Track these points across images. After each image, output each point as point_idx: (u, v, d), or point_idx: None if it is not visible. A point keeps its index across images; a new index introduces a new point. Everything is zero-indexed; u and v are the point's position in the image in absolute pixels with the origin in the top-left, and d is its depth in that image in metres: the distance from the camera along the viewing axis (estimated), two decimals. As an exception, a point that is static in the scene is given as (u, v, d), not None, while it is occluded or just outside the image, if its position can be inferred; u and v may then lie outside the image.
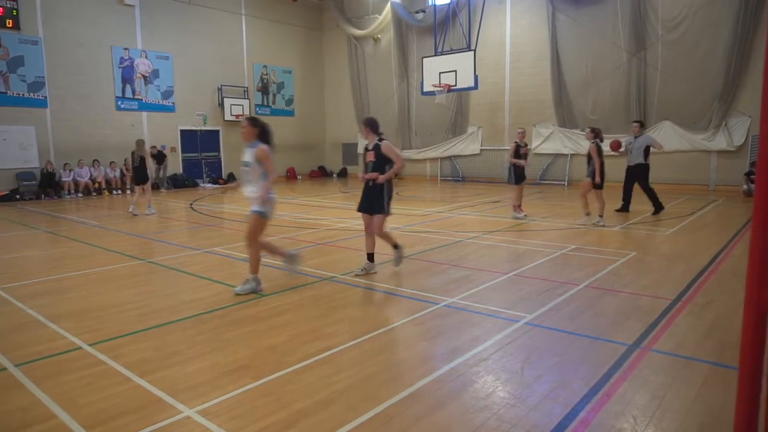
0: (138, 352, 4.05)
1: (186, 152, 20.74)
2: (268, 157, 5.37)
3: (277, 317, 4.81)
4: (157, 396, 3.31)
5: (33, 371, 3.71)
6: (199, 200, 15.67)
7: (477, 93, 19.09)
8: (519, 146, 10.27)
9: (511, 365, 3.71)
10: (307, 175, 24.88)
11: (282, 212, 12.28)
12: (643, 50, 16.14)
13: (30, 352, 4.06)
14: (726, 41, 14.69)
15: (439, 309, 4.97)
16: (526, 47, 18.70)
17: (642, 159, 10.57)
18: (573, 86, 17.70)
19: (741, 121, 14.77)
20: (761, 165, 0.95)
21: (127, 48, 18.71)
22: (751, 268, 0.99)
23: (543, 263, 6.76)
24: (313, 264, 6.89)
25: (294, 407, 3.14)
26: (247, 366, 3.75)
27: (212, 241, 8.83)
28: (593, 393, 3.26)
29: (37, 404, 3.24)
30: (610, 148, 10.70)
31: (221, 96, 21.37)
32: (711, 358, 3.77)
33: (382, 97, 23.00)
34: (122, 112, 18.74)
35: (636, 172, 10.73)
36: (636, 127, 10.88)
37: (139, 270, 6.93)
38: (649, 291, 5.46)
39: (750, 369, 1.01)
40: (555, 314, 4.76)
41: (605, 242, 8.07)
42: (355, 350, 4.04)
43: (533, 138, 18.73)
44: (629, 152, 10.73)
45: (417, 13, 21.31)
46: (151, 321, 4.78)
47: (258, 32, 22.81)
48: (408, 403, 3.19)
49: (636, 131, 10.78)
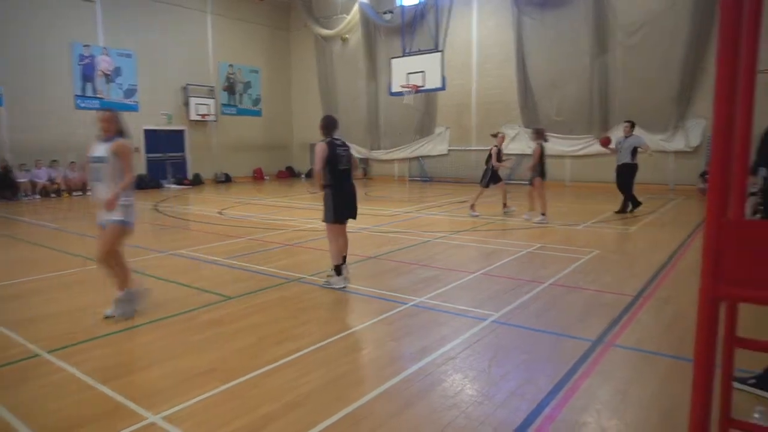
0: (100, 359, 3.93)
1: (150, 152, 20.25)
2: (129, 152, 4.75)
3: (243, 320, 4.75)
4: (120, 403, 3.22)
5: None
6: (164, 201, 15.33)
7: (444, 94, 19.24)
8: (500, 150, 10.67)
9: (479, 363, 3.76)
10: (274, 175, 24.64)
11: (249, 213, 12.13)
12: (604, 54, 16.56)
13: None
14: (682, 46, 15.21)
15: (408, 309, 4.99)
16: (493, 49, 18.95)
17: (629, 159, 10.75)
18: (538, 88, 18.02)
19: (697, 123, 15.32)
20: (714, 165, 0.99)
21: (87, 45, 18.14)
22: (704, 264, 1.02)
23: (509, 262, 6.87)
24: (280, 265, 6.82)
25: (261, 411, 3.11)
26: (213, 370, 3.69)
27: (177, 243, 8.65)
28: (558, 389, 3.33)
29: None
30: (600, 144, 11.26)
31: (186, 95, 20.95)
32: (671, 352, 3.90)
33: (350, 97, 22.96)
34: (82, 111, 18.15)
35: (622, 171, 10.90)
36: (627, 127, 10.95)
37: (101, 274, 6.72)
38: (611, 288, 5.61)
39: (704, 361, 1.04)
40: (521, 312, 4.84)
41: (570, 241, 8.25)
42: (324, 351, 4.02)
43: (500, 138, 19.00)
44: (618, 151, 10.93)
45: (385, 13, 21.35)
46: (113, 326, 4.65)
47: (224, 31, 22.46)
48: (377, 403, 3.19)
49: (626, 131, 10.88)
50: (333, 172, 5.64)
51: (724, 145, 0.98)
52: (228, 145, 22.85)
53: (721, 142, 0.98)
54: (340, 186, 5.70)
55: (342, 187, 5.71)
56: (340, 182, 5.69)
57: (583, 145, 17.35)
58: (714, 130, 0.99)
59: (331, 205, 5.69)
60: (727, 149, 0.98)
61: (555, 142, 17.89)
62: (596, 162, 16.76)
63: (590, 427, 2.90)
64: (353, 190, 5.85)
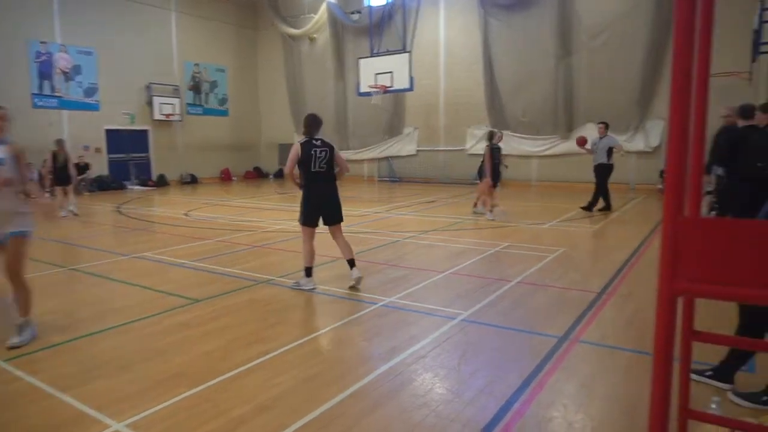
0: (60, 366, 3.81)
1: (112, 153, 19.70)
2: (25, 154, 4.39)
3: (212, 322, 4.68)
4: (82, 411, 3.13)
5: (-61, 391, 3.42)
6: (128, 203, 14.95)
7: (413, 94, 19.32)
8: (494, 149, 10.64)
9: (448, 362, 3.79)
10: (242, 176, 24.30)
11: (217, 215, 11.94)
12: (569, 56, 16.93)
13: (-64, 371, 3.73)
14: (642, 49, 15.67)
15: (378, 309, 4.99)
16: (460, 50, 19.14)
17: (605, 159, 11.03)
18: (505, 89, 18.29)
19: (656, 124, 15.81)
20: (670, 166, 1.03)
21: (44, 41, 17.53)
22: (662, 260, 1.05)
23: (478, 261, 6.95)
24: (249, 267, 6.74)
25: (232, 414, 3.06)
26: (181, 374, 3.62)
27: (142, 245, 8.45)
28: (526, 385, 3.39)
29: (-55, 426, 2.99)
30: (576, 143, 11.56)
31: (150, 94, 20.45)
32: (632, 346, 4.02)
33: (319, 97, 22.82)
34: (40, 110, 17.54)
35: (598, 172, 11.12)
36: (601, 128, 11.18)
37: (61, 278, 6.53)
38: (577, 285, 5.74)
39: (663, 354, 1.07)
40: (490, 310, 4.91)
41: (536, 239, 8.40)
42: (294, 353, 3.99)
43: (467, 139, 19.22)
44: (594, 152, 11.15)
45: (353, 13, 21.32)
46: (74, 332, 4.51)
47: (189, 29, 22.02)
48: (348, 403, 3.19)
49: (601, 132, 11.13)
50: (306, 173, 5.50)
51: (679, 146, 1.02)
52: (194, 146, 22.42)
53: (676, 143, 1.02)
54: (313, 188, 5.55)
55: (313, 189, 5.55)
56: (314, 183, 5.53)
57: (549, 146, 17.70)
58: (670, 132, 1.03)
59: (302, 207, 5.61)
60: (683, 150, 1.02)
61: (522, 142, 18.22)
62: (562, 162, 17.14)
63: (557, 421, 2.96)
64: (328, 192, 5.62)
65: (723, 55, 12.46)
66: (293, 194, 17.10)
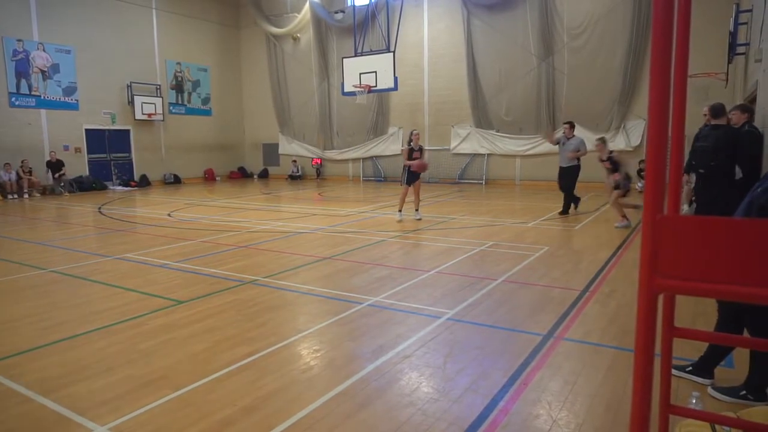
0: (40, 369, 3.75)
1: (92, 153, 19.41)
2: None
3: (196, 324, 4.64)
4: (63, 415, 3.09)
5: None
6: (109, 204, 14.74)
7: (397, 94, 19.35)
8: (413, 149, 10.25)
9: (434, 360, 3.81)
10: (226, 176, 24.11)
11: (200, 215, 11.83)
12: (550, 56, 17.10)
13: None
14: (623, 49, 15.89)
15: (364, 308, 5.00)
16: (444, 50, 19.22)
17: (574, 161, 10.48)
18: (488, 88, 18.40)
19: (637, 123, 16.03)
20: (649, 165, 1.04)
21: (20, 39, 17.20)
22: (643, 258, 1.07)
23: (462, 260, 6.98)
24: (233, 267, 6.69)
25: (216, 416, 3.04)
26: (165, 377, 3.59)
27: (124, 247, 8.34)
28: (512, 383, 3.42)
29: None
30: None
31: (131, 93, 20.19)
32: (615, 343, 4.07)
33: (303, 96, 22.75)
34: (17, 110, 17.21)
35: (565, 173, 10.60)
36: (567, 128, 10.66)
37: (40, 280, 6.41)
38: (560, 283, 5.80)
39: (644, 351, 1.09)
40: (475, 309, 4.94)
41: (520, 238, 8.47)
42: (280, 354, 3.97)
43: (451, 138, 19.30)
44: (560, 153, 10.63)
45: (336, 13, 21.27)
46: (55, 335, 4.44)
47: (170, 28, 21.77)
48: (335, 403, 3.18)
49: (567, 133, 10.58)
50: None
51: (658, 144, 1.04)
52: (177, 146, 22.18)
53: (655, 142, 1.04)
54: None
55: None
56: None
57: (533, 145, 17.86)
58: (649, 131, 1.04)
59: None
60: (662, 149, 1.04)
61: (505, 141, 18.36)
62: (545, 161, 17.28)
63: (542, 418, 2.99)
64: None
65: (700, 56, 12.68)
66: (278, 194, 17.01)
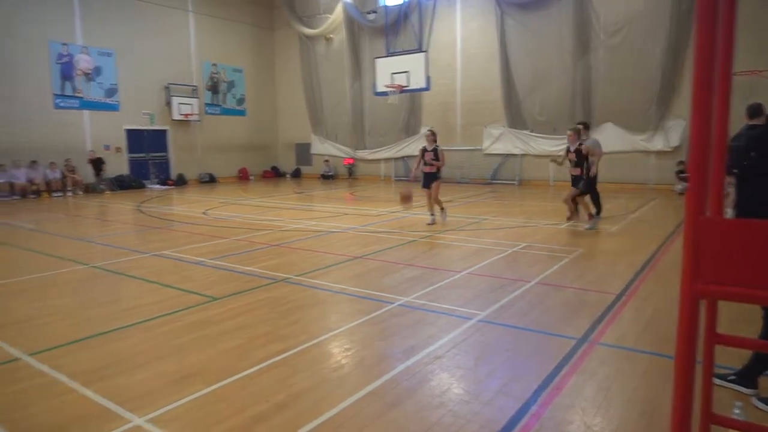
0: (82, 362, 3.88)
1: (132, 152, 20.01)
2: None
3: (229, 321, 4.72)
4: (104, 406, 3.19)
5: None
6: (147, 202, 15.15)
7: (429, 94, 19.29)
8: (425, 150, 10.02)
9: (466, 362, 3.78)
10: (259, 175, 24.48)
11: (235, 214, 12.05)
12: (586, 54, 16.76)
13: (-37, 365, 3.82)
14: (662, 47, 15.44)
15: (394, 308, 5.00)
16: (477, 49, 19.06)
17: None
18: (521, 88, 18.16)
19: (677, 123, 15.55)
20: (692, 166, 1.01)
21: (65, 43, 17.85)
22: (685, 262, 1.04)
23: (494, 261, 6.91)
24: (267, 266, 6.79)
25: (248, 412, 3.09)
26: (199, 372, 3.66)
27: (161, 244, 8.56)
28: (544, 387, 3.37)
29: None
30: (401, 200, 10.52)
31: (169, 95, 20.73)
32: (651, 349, 3.96)
33: (335, 97, 22.92)
34: (61, 111, 17.87)
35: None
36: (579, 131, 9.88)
37: (82, 275, 6.64)
38: (595, 286, 5.68)
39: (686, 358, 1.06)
40: (507, 311, 4.88)
41: (554, 240, 8.33)
42: (311, 352, 4.01)
43: (484, 138, 19.14)
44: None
45: (369, 13, 21.34)
46: (95, 328, 4.59)
47: (206, 30, 22.26)
48: (365, 402, 3.20)
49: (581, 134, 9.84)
50: None
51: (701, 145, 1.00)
52: (212, 145, 22.66)
53: (698, 143, 1.01)
54: None
55: None
56: None
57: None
58: (692, 132, 1.01)
59: None
60: (705, 151, 1.01)
61: (539, 141, 18.08)
62: (579, 161, 16.89)
63: (575, 424, 2.94)
64: None
65: (744, 53, 12.23)
66: (310, 194, 17.17)
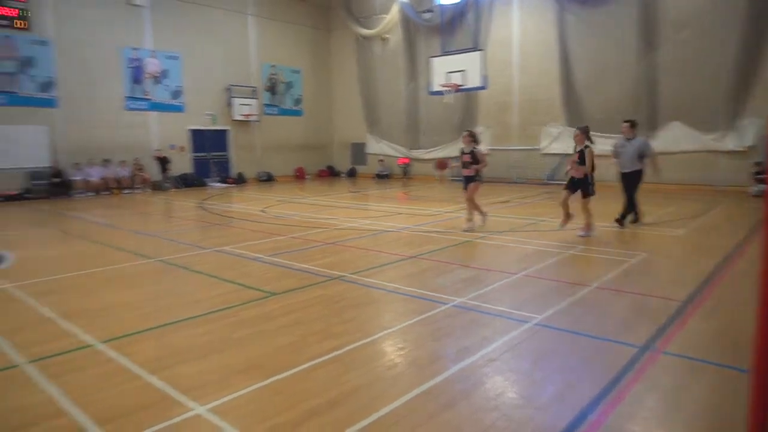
0: (148, 350, 4.08)
1: (195, 152, 20.87)
2: None
3: (285, 316, 4.83)
4: (168, 393, 3.34)
5: (45, 368, 3.75)
6: (208, 199, 15.75)
7: (485, 93, 19.04)
8: (462, 152, 9.49)
9: (520, 366, 3.71)
10: (315, 174, 24.93)
11: (291, 212, 12.32)
12: (651, 50, 16.02)
13: (42, 350, 4.10)
14: (735, 42, 14.52)
15: (448, 309, 4.97)
16: (535, 47, 18.63)
17: (637, 165, 9.31)
18: (581, 86, 17.60)
19: (751, 122, 14.63)
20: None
21: (136, 48, 18.83)
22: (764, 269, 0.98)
23: (551, 264, 6.74)
24: (321, 263, 6.91)
25: (304, 406, 3.16)
26: (257, 365, 3.77)
27: (222, 240, 8.88)
28: (603, 395, 3.25)
29: (49, 401, 3.28)
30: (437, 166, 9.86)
31: (229, 96, 21.47)
32: (721, 360, 3.75)
33: (391, 96, 23.01)
34: (131, 112, 18.87)
35: (628, 180, 9.41)
36: (626, 127, 9.46)
37: (149, 268, 6.99)
38: (659, 292, 5.43)
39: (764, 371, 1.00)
40: (564, 315, 4.75)
41: (614, 243, 8.03)
42: (365, 349, 4.05)
43: (541, 138, 18.70)
44: (619, 156, 9.46)
45: (424, 12, 21.29)
46: (160, 319, 4.81)
47: (265, 32, 22.90)
48: (418, 402, 3.19)
49: (627, 132, 9.42)
50: None
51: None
52: (270, 145, 23.30)
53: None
54: None
55: None
56: None
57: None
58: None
59: None
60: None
61: (600, 141, 17.43)
62: (643, 162, 16.19)
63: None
64: None
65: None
66: (365, 193, 17.33)
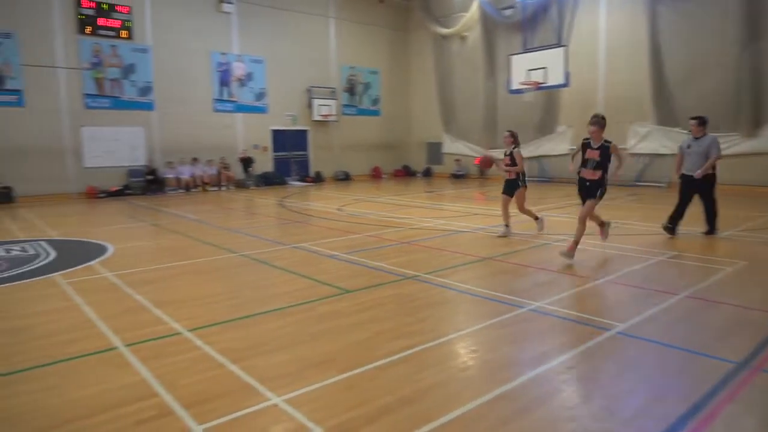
0: (230, 340, 4.28)
1: (276, 151, 21.70)
2: None
3: (360, 314, 4.90)
4: (247, 383, 3.48)
5: (139, 352, 4.04)
6: (288, 197, 16.30)
7: (567, 90, 18.35)
8: (504, 153, 9.06)
9: (601, 376, 3.53)
10: (391, 173, 25.13)
11: (367, 211, 12.49)
12: (757, 41, 14.73)
13: (137, 335, 4.41)
14: None
15: (525, 313, 4.83)
16: (622, 41, 17.69)
17: None
18: (674, 82, 16.51)
19: None
20: None
21: (224, 53, 19.85)
22: None
23: (637, 270, 6.37)
24: (396, 262, 6.94)
25: (377, 403, 3.18)
26: (331, 360, 3.85)
27: (300, 237, 9.15)
28: (694, 412, 3.03)
29: (142, 383, 3.52)
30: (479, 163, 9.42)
31: (310, 97, 22.11)
32: (836, 383, 3.38)
33: (468, 96, 22.72)
34: (219, 114, 19.93)
35: (699, 183, 8.31)
36: (694, 125, 8.57)
37: (232, 262, 7.33)
38: (760, 305, 4.98)
39: None
40: (650, 324, 4.47)
41: (709, 250, 7.47)
42: (439, 350, 4.02)
43: (628, 137, 17.71)
44: (687, 156, 8.51)
45: (505, 9, 20.83)
46: (241, 311, 5.03)
47: (345, 34, 23.37)
48: (492, 405, 3.12)
49: (696, 132, 8.51)
50: None
51: None
52: (348, 144, 23.76)
53: None
54: None
55: None
56: None
57: (730, 144, 15.56)
58: None
59: None
60: None
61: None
62: (746, 162, 14.92)
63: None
64: None
65: None
66: (440, 193, 17.24)
